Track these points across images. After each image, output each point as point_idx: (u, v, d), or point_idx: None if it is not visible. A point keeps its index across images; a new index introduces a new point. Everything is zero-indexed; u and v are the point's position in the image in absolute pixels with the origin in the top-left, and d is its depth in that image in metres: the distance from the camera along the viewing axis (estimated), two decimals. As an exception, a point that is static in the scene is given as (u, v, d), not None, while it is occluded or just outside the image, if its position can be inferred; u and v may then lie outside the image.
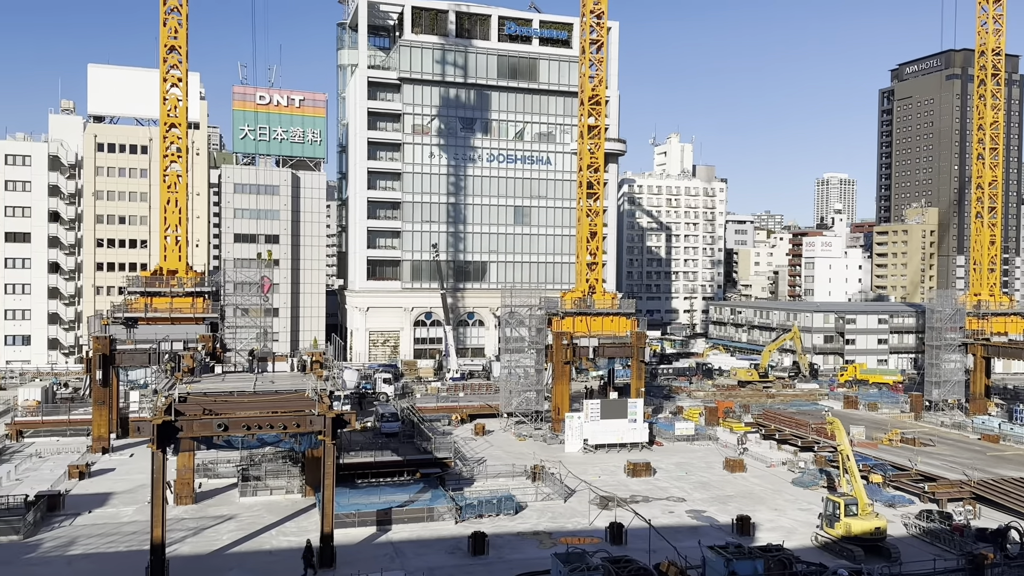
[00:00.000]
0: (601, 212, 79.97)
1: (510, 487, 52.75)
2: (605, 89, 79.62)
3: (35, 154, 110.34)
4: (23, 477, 55.22)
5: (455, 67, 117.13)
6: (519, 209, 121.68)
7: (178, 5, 70.95)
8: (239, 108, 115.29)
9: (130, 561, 39.54)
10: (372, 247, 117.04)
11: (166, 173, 73.32)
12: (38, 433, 68.93)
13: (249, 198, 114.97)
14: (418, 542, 43.63)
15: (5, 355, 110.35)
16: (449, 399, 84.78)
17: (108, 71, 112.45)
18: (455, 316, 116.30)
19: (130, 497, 50.97)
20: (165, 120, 72.38)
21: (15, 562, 39.66)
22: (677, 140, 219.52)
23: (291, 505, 50.04)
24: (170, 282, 72.03)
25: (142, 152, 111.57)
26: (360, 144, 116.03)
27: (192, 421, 39.02)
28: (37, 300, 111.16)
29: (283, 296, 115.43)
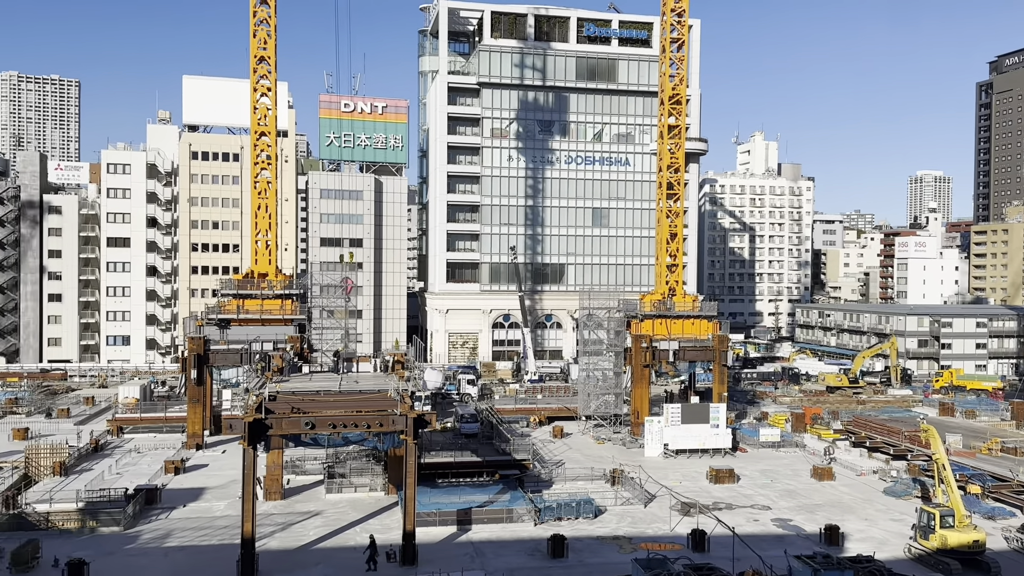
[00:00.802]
0: (681, 213, 78.82)
1: (589, 491, 52.51)
2: (686, 88, 78.48)
3: (135, 163, 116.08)
4: (123, 471, 58.03)
5: (533, 70, 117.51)
6: (597, 211, 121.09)
7: (267, 17, 73.47)
8: (325, 116, 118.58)
9: (222, 554, 41.10)
10: (451, 250, 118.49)
11: (256, 180, 75.93)
12: (137, 429, 72.32)
13: (334, 203, 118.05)
14: (497, 543, 43.91)
15: (107, 354, 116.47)
16: (527, 401, 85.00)
17: (202, 82, 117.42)
18: (533, 318, 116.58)
19: (222, 492, 52.98)
20: (255, 128, 75.00)
21: (117, 552, 41.76)
22: (761, 138, 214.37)
23: (375, 502, 51.09)
24: (260, 285, 74.52)
25: (234, 160, 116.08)
26: (440, 148, 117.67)
27: (281, 419, 40.35)
28: (136, 302, 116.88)
29: (366, 298, 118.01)
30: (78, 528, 44.96)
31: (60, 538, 43.15)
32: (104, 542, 43.17)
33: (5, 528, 44.13)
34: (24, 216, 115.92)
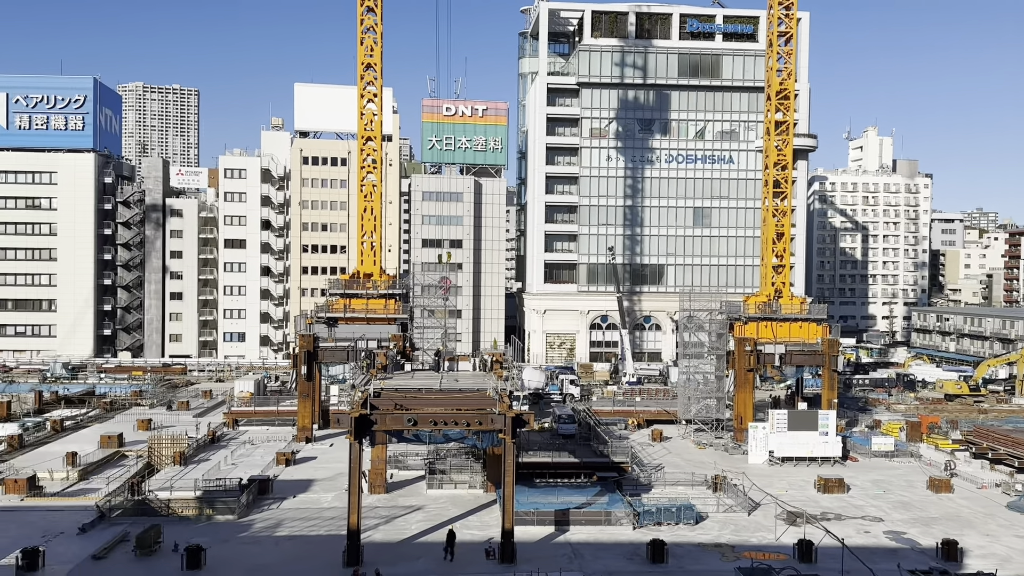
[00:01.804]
0: (789, 212, 76.36)
1: (690, 496, 51.56)
2: (794, 82, 76.01)
3: (250, 168, 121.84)
4: (238, 462, 60.92)
5: (634, 68, 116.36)
6: (699, 210, 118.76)
7: (373, 25, 75.66)
8: (428, 120, 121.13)
9: (329, 545, 42.56)
10: (549, 250, 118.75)
11: (363, 183, 78.30)
12: (251, 422, 75.78)
13: (435, 205, 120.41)
14: (596, 545, 43.71)
15: (224, 350, 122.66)
16: (625, 403, 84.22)
17: (312, 89, 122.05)
18: (631, 320, 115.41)
19: (330, 484, 54.88)
20: (362, 133, 77.35)
21: (231, 540, 43.87)
22: (875, 133, 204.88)
23: (474, 499, 51.79)
24: (366, 285, 76.76)
25: (341, 164, 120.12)
26: (539, 150, 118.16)
27: (385, 415, 41.48)
28: (251, 301, 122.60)
29: (465, 298, 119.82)
30: (196, 515, 47.49)
31: (179, 524, 45.70)
32: (219, 529, 45.43)
33: (130, 513, 47.09)
34: (148, 219, 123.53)
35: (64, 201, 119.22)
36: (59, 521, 45.85)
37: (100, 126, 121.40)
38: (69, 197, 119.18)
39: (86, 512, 47.20)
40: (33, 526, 44.94)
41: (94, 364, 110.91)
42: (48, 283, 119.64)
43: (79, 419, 76.51)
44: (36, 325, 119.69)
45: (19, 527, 44.75)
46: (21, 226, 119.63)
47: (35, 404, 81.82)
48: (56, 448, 63.51)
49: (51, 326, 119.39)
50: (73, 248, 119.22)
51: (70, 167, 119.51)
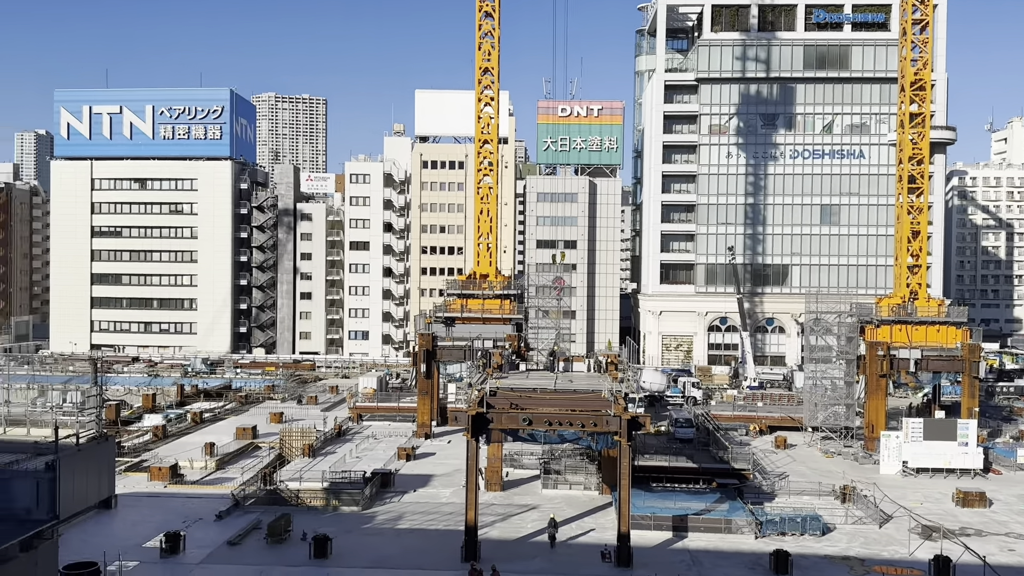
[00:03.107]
0: (925, 209, 71.98)
1: (816, 506, 49.40)
2: (930, 72, 71.57)
3: (373, 173, 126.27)
4: (361, 455, 63.13)
5: (756, 62, 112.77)
6: (826, 208, 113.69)
7: (491, 29, 76.77)
8: (543, 122, 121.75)
9: (447, 539, 43.45)
10: (666, 251, 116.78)
11: (479, 186, 79.58)
12: (374, 417, 78.40)
13: (550, 206, 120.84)
14: (715, 553, 42.62)
15: (349, 348, 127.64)
16: (746, 408, 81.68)
17: (431, 95, 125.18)
18: (752, 322, 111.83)
19: (448, 480, 56.04)
20: (479, 137, 78.63)
21: (355, 531, 45.52)
22: (1020, 124, 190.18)
23: (589, 501, 51.60)
24: (482, 285, 77.97)
25: (459, 167, 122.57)
26: (655, 148, 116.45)
27: (501, 414, 41.97)
28: (374, 301, 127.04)
29: (579, 299, 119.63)
30: (323, 506, 49.58)
31: (308, 514, 47.81)
32: (344, 520, 47.23)
33: (263, 502, 49.68)
34: (280, 223, 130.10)
35: (204, 206, 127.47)
36: (198, 508, 48.95)
37: (236, 135, 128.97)
38: (208, 202, 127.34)
39: (222, 500, 50.19)
40: (175, 512, 48.16)
41: (231, 360, 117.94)
42: (190, 283, 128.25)
43: (217, 412, 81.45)
44: (179, 323, 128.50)
45: (163, 512, 48.08)
46: (166, 230, 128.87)
47: (177, 397, 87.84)
48: (196, 439, 67.84)
49: (192, 324, 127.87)
50: (212, 251, 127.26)
51: (209, 174, 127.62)
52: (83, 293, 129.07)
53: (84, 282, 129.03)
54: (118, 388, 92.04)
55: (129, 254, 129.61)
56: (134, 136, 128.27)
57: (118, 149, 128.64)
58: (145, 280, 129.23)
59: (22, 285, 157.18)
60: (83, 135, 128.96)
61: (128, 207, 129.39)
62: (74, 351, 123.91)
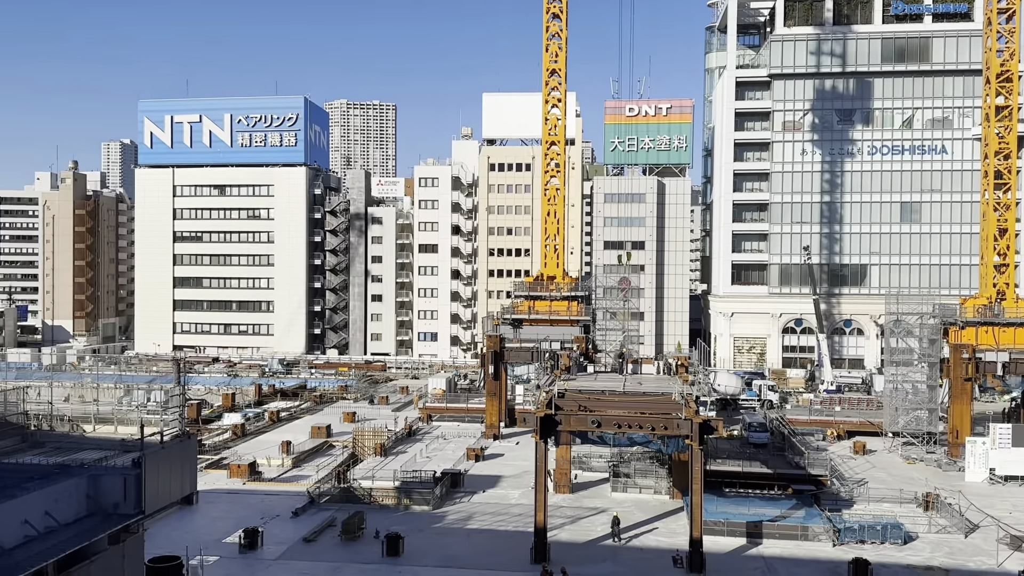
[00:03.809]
0: (1013, 205, 68.74)
1: (897, 514, 47.71)
2: (1018, 63, 68.33)
3: (441, 176, 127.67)
4: (431, 455, 63.89)
5: (831, 56, 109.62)
6: (906, 205, 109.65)
7: (559, 31, 76.75)
8: (610, 122, 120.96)
9: (517, 540, 43.58)
10: (737, 251, 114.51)
11: (546, 187, 79.60)
12: (443, 418, 79.25)
13: (617, 207, 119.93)
14: (791, 560, 41.58)
15: (418, 349, 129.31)
16: (823, 412, 79.44)
17: (499, 98, 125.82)
18: (829, 324, 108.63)
19: (516, 481, 56.20)
20: (546, 138, 78.66)
21: (426, 530, 46.10)
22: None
23: (659, 505, 51.01)
24: (549, 287, 77.94)
25: (526, 169, 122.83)
26: (726, 146, 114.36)
27: (569, 416, 41.87)
28: (443, 303, 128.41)
29: (647, 301, 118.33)
30: (395, 504, 50.36)
31: (380, 512, 48.64)
32: (416, 519, 47.87)
33: (337, 500, 50.78)
34: (352, 226, 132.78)
35: (280, 211, 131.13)
36: (275, 504, 50.34)
37: (310, 142, 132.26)
38: (284, 208, 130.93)
39: (298, 497, 51.49)
40: (253, 508, 49.65)
41: (306, 360, 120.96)
42: (266, 286, 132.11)
43: (292, 411, 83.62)
44: (256, 324, 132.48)
45: (242, 508, 49.63)
46: (244, 235, 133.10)
47: (255, 396, 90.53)
48: (273, 437, 69.80)
49: (269, 325, 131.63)
50: (288, 254, 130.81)
51: (285, 180, 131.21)
52: (166, 296, 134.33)
53: (167, 285, 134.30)
54: (199, 388, 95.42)
55: (209, 258, 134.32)
56: (213, 144, 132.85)
57: (198, 157, 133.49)
58: (224, 283, 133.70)
59: (109, 289, 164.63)
60: (165, 144, 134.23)
61: (208, 213, 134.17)
62: (157, 352, 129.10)
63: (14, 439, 31.85)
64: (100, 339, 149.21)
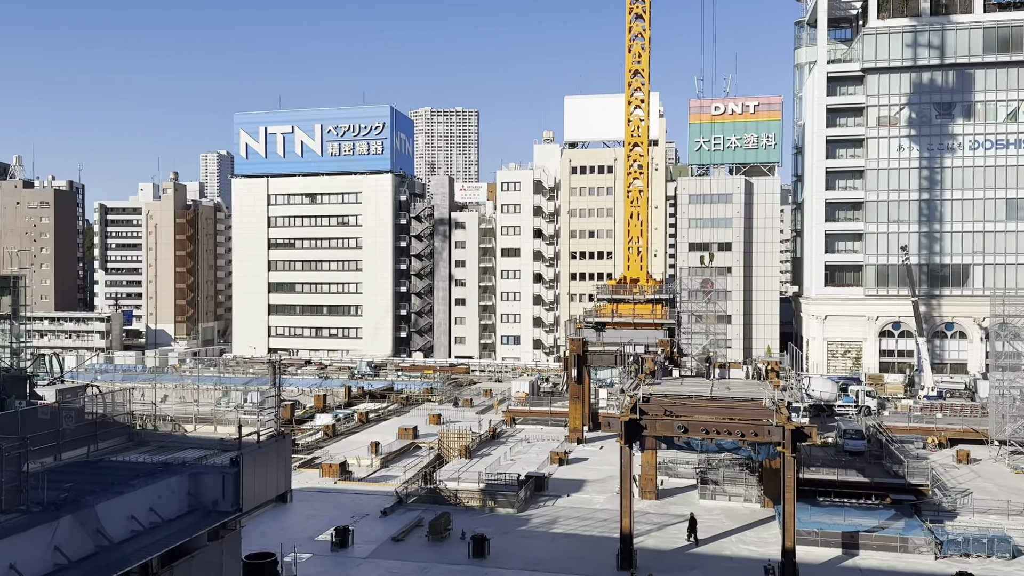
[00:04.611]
0: None
1: (1005, 527, 45.15)
2: None
3: (523, 180, 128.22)
4: (515, 458, 64.08)
5: (929, 48, 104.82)
6: (1012, 202, 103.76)
7: (641, 31, 76.12)
8: (695, 121, 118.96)
9: (602, 546, 43.27)
10: (830, 251, 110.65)
11: (629, 189, 78.96)
12: (526, 421, 79.41)
13: (702, 207, 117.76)
14: (890, 572, 39.90)
15: (501, 352, 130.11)
16: (923, 419, 75.84)
17: (580, 101, 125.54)
18: (929, 327, 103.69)
19: (601, 486, 55.82)
20: (629, 140, 78.06)
21: (511, 532, 46.29)
22: None
23: (749, 514, 49.77)
24: (632, 290, 77.25)
25: (608, 172, 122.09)
26: (817, 143, 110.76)
27: (655, 421, 41.33)
28: (525, 306, 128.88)
29: (735, 303, 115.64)
30: (480, 506, 50.78)
31: (466, 513, 49.13)
32: (500, 521, 48.14)
33: (424, 500, 51.57)
34: (436, 232, 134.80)
35: (367, 218, 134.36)
36: (365, 504, 51.51)
37: (396, 149, 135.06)
38: (371, 214, 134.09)
39: (386, 497, 52.55)
40: (344, 507, 50.93)
41: (392, 363, 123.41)
42: (355, 291, 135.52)
43: (381, 412, 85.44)
44: (346, 328, 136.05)
45: (333, 507, 50.98)
46: (334, 241, 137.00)
47: (345, 398, 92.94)
48: (362, 437, 71.45)
49: (357, 329, 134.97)
50: (375, 259, 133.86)
51: (372, 187, 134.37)
52: (261, 301, 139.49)
53: (262, 290, 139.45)
54: (292, 389, 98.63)
55: (301, 264, 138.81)
56: (305, 154, 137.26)
57: (291, 166, 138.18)
58: (315, 288, 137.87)
59: (208, 294, 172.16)
60: (260, 154, 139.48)
61: (300, 220, 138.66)
62: (253, 354, 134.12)
63: (121, 438, 33.58)
64: (200, 342, 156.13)
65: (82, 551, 22.24)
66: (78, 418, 32.54)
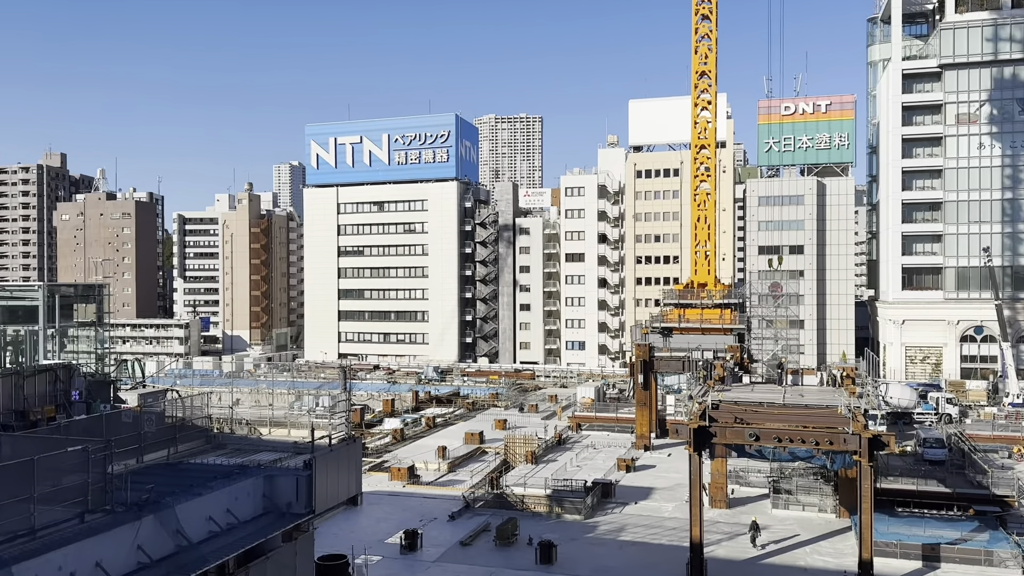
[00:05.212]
0: None
1: (1103, 543, 42.70)
2: None
3: (587, 185, 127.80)
4: (581, 464, 63.68)
5: (1011, 42, 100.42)
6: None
7: (708, 32, 75.10)
8: (764, 122, 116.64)
9: (671, 555, 42.65)
10: (907, 254, 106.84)
11: (696, 192, 77.86)
12: (592, 427, 78.90)
13: (772, 210, 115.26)
14: (975, 589, 38.20)
15: (566, 358, 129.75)
16: (1008, 428, 72.52)
17: (645, 104, 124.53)
18: (1014, 331, 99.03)
19: (669, 494, 55.04)
20: (695, 142, 77.01)
21: (578, 539, 46.02)
22: None
23: (824, 524, 48.37)
24: (700, 295, 76.08)
25: (674, 175, 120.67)
26: (893, 142, 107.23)
27: (725, 428, 40.55)
28: (590, 311, 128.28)
29: (808, 308, 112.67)
30: (546, 512, 50.66)
31: (532, 519, 49.09)
32: (567, 528, 47.92)
33: (490, 505, 51.72)
34: (501, 238, 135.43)
35: (433, 225, 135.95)
36: (432, 508, 51.99)
37: (461, 157, 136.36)
38: (437, 221, 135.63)
39: (453, 501, 52.92)
40: (412, 511, 51.50)
41: (458, 368, 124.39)
42: (421, 297, 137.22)
43: (447, 417, 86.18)
44: (412, 333, 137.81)
45: (402, 511, 51.61)
46: (400, 248, 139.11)
47: (412, 402, 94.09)
48: (429, 442, 72.17)
49: (424, 334, 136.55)
50: (440, 266, 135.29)
51: (437, 195, 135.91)
52: (331, 307, 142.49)
53: (332, 297, 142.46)
54: (361, 393, 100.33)
55: (369, 271, 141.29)
56: (372, 163, 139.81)
57: (359, 176, 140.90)
58: (383, 294, 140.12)
59: (281, 301, 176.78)
60: (329, 164, 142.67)
61: (368, 228, 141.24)
62: (324, 360, 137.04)
63: (199, 441, 34.70)
64: (274, 347, 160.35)
65: (163, 550, 23.00)
66: (159, 421, 33.79)
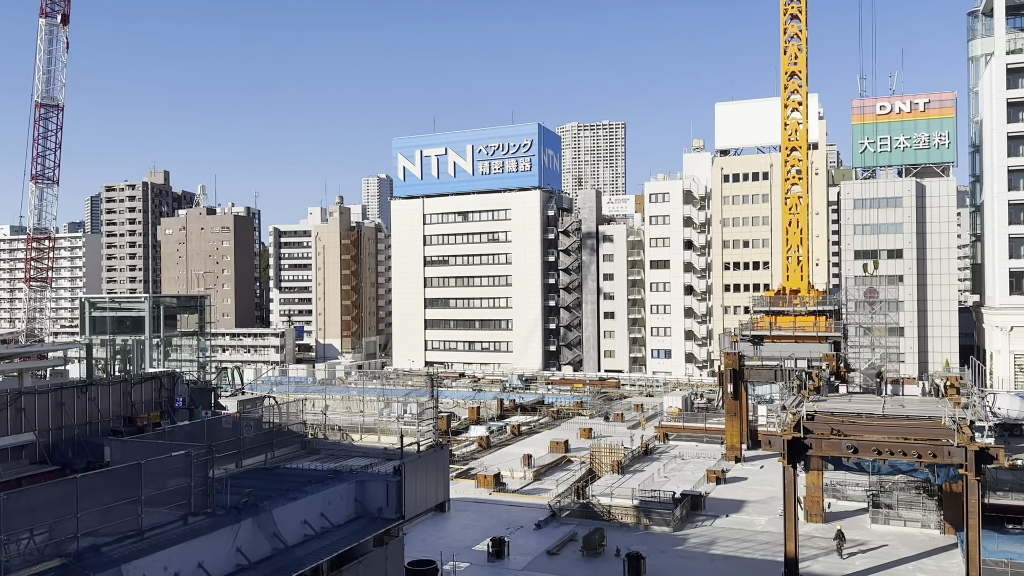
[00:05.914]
0: None
1: None
2: None
3: (672, 191, 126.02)
4: (669, 475, 62.65)
5: None
6: None
7: (797, 32, 73.07)
8: (858, 122, 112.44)
9: (764, 569, 41.42)
10: (1015, 257, 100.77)
11: (787, 196, 75.67)
12: (680, 437, 77.57)
13: (868, 213, 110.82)
14: (1099, 616, 35.60)
15: (652, 366, 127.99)
16: None
17: (732, 107, 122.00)
18: None
19: (762, 507, 53.50)
20: (786, 144, 74.91)
21: (667, 551, 45.21)
22: None
23: (928, 541, 46.07)
24: (792, 301, 73.78)
25: (763, 178, 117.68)
26: (997, 140, 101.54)
27: (820, 440, 39.21)
28: (676, 319, 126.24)
29: (908, 314, 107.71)
30: (634, 523, 49.99)
31: (619, 530, 48.52)
32: (656, 540, 47.15)
33: (577, 515, 51.41)
34: (584, 245, 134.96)
35: (516, 234, 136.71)
36: (519, 516, 52.06)
37: (543, 166, 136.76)
38: (520, 230, 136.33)
39: (539, 510, 52.86)
40: (499, 518, 51.70)
41: (542, 376, 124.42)
42: (505, 305, 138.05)
43: (532, 425, 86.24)
44: (497, 342, 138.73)
45: (488, 518, 51.88)
46: (484, 257, 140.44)
47: (497, 410, 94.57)
48: (515, 450, 72.37)
49: (508, 343, 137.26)
50: (524, 274, 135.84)
51: (520, 204, 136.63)
52: (418, 316, 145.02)
53: (419, 306, 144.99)
54: (448, 401, 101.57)
55: (454, 280, 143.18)
56: (457, 174, 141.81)
57: (444, 187, 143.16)
58: (468, 303, 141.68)
59: (370, 310, 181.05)
60: (416, 176, 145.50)
61: (453, 238, 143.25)
62: (412, 367, 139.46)
63: (295, 446, 35.85)
64: (364, 356, 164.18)
65: (260, 553, 23.83)
66: (256, 427, 35.06)
